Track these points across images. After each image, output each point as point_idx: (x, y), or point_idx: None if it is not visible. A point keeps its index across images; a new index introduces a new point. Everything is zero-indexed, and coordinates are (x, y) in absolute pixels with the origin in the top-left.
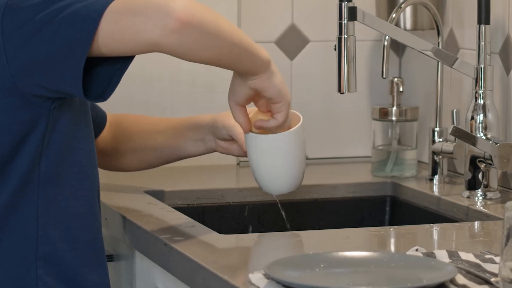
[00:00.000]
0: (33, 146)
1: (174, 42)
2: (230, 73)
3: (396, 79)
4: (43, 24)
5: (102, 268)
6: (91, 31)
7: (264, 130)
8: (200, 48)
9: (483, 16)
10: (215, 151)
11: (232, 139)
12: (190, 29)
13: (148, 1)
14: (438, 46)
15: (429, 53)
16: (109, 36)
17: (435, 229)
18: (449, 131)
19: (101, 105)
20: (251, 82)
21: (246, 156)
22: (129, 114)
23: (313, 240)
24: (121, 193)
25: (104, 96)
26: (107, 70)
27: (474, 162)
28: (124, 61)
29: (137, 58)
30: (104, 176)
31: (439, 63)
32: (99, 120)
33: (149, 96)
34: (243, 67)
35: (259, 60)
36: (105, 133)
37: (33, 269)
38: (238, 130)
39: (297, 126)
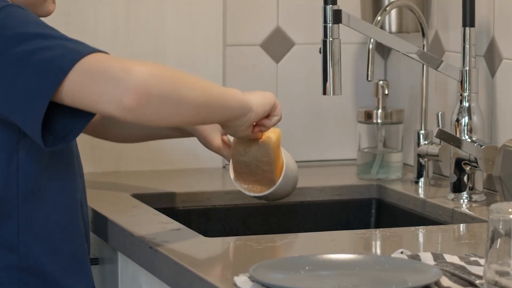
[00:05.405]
0: (5, 164)
1: (130, 117)
2: None
3: (381, 82)
4: (9, 63)
5: (86, 278)
6: (53, 86)
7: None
8: (162, 117)
9: (468, 19)
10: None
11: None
12: (146, 104)
13: (109, 69)
14: (423, 49)
15: (414, 55)
16: (69, 95)
17: (420, 232)
18: (434, 133)
19: None
20: (235, 125)
21: None
22: None
23: (299, 242)
24: (107, 196)
25: (67, 140)
26: (72, 117)
27: (459, 165)
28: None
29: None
30: (90, 178)
31: (424, 66)
32: None
33: None
34: (218, 120)
35: (230, 111)
36: None
37: (16, 282)
38: (225, 153)
39: (281, 176)
